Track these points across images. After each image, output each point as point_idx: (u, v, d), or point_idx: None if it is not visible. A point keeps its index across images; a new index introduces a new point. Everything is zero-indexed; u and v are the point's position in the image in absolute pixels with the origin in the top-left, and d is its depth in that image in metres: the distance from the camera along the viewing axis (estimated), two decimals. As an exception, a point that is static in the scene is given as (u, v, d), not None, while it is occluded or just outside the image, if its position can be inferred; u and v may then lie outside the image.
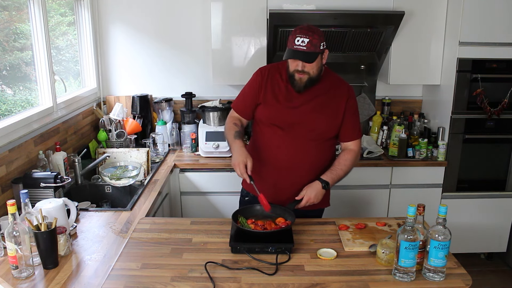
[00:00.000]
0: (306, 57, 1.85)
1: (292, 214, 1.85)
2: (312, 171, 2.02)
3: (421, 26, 3.06)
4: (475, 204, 3.16)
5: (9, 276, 1.53)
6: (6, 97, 2.39)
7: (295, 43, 1.85)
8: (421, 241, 1.51)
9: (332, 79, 2.06)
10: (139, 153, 2.74)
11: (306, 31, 1.85)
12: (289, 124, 2.00)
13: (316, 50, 1.86)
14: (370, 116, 3.45)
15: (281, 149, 2.01)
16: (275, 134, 2.02)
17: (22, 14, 2.45)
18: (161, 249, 1.73)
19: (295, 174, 2.02)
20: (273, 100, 2.01)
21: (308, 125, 1.99)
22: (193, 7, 3.29)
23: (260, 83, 2.04)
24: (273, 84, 2.03)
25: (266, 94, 2.03)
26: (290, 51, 1.87)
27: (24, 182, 2.04)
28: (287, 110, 1.99)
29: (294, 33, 1.87)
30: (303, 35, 1.84)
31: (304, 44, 1.83)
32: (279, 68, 2.07)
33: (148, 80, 3.43)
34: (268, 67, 2.10)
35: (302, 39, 1.83)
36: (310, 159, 2.02)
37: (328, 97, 2.01)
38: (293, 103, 1.99)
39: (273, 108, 2.01)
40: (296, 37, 1.85)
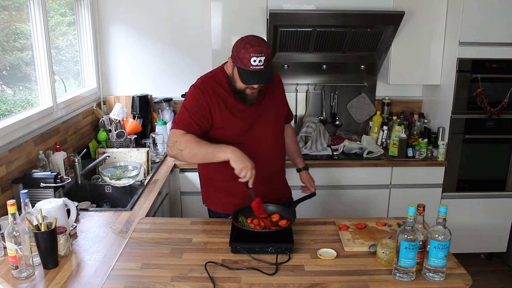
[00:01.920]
0: (267, 78, 1.77)
1: (292, 214, 1.85)
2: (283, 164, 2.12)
3: (421, 26, 3.06)
4: (475, 204, 3.16)
5: (9, 276, 1.53)
6: (6, 97, 2.39)
7: (251, 63, 1.72)
8: (421, 241, 1.51)
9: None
10: (139, 153, 2.74)
11: (259, 47, 1.72)
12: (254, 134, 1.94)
13: (271, 63, 1.78)
14: (370, 116, 3.45)
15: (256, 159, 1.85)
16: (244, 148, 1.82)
17: (22, 14, 2.45)
18: (161, 249, 1.73)
19: (275, 175, 2.06)
20: (233, 118, 1.89)
21: (270, 125, 1.99)
22: (193, 7, 3.29)
23: (207, 99, 1.86)
24: (220, 99, 1.88)
25: (222, 116, 1.87)
26: (249, 74, 1.74)
27: (24, 182, 2.04)
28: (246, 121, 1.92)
29: (246, 51, 1.72)
30: (258, 53, 1.71)
31: (262, 63, 1.72)
32: (217, 81, 1.91)
33: (148, 80, 3.43)
34: (206, 82, 1.91)
35: (259, 59, 1.71)
36: (280, 155, 2.09)
37: (274, 92, 2.02)
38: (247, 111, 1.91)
39: (238, 126, 1.90)
40: (251, 57, 1.71)
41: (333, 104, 3.45)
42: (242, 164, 1.75)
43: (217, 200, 2.08)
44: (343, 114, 3.49)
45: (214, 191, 2.07)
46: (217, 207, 2.10)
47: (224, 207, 2.03)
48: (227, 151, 1.77)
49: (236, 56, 1.77)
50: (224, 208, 2.03)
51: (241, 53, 1.74)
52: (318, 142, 3.16)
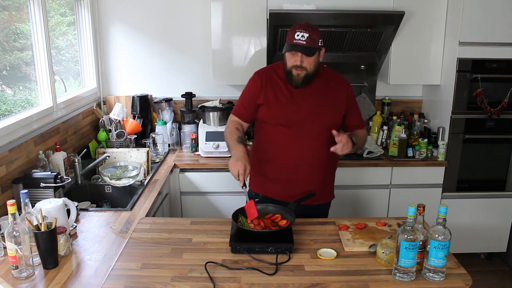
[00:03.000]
0: (306, 51, 1.88)
1: (292, 214, 1.85)
2: (321, 164, 2.09)
3: (421, 26, 3.06)
4: (475, 204, 3.16)
5: (9, 276, 1.53)
6: (6, 97, 2.39)
7: (294, 37, 1.88)
8: (421, 241, 1.51)
9: (329, 73, 2.12)
10: (139, 153, 2.74)
11: (305, 27, 1.88)
12: (294, 121, 2.02)
13: (315, 45, 1.89)
14: (370, 116, 3.45)
15: (289, 147, 2.04)
16: (281, 133, 2.05)
17: (22, 14, 2.45)
18: (161, 249, 1.73)
19: (305, 170, 2.07)
20: (275, 100, 2.04)
21: (314, 120, 2.03)
22: (193, 7, 3.29)
23: (259, 85, 2.07)
24: (272, 85, 2.06)
25: (267, 95, 2.05)
26: (290, 45, 1.91)
27: (24, 182, 2.04)
28: (291, 108, 2.02)
29: (293, 28, 1.90)
30: (303, 30, 1.87)
31: (304, 39, 1.87)
32: (275, 69, 2.10)
33: (148, 80, 3.43)
34: (265, 69, 2.13)
35: (302, 34, 1.87)
36: (318, 153, 2.06)
37: (329, 89, 2.06)
38: (295, 100, 2.02)
39: (276, 107, 2.04)
40: (296, 32, 1.88)
41: (333, 104, 3.45)
42: (231, 161, 1.90)
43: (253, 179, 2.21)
44: (343, 114, 3.49)
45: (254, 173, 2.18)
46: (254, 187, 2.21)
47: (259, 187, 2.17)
48: (232, 151, 1.97)
49: (287, 35, 1.93)
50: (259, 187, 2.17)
51: (289, 32, 1.92)
52: (318, 142, 3.16)
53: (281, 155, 2.07)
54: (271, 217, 1.87)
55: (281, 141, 2.06)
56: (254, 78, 2.11)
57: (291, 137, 2.04)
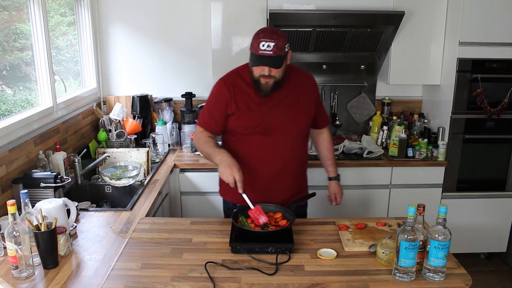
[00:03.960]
0: (273, 63, 1.79)
1: (292, 214, 1.85)
2: (299, 167, 2.07)
3: (421, 26, 3.06)
4: (475, 204, 3.16)
5: (9, 276, 1.53)
6: (6, 97, 2.39)
7: (260, 48, 1.76)
8: (421, 241, 1.51)
9: (296, 73, 2.02)
10: (139, 153, 2.74)
11: (270, 34, 1.76)
12: (269, 128, 1.95)
13: (282, 53, 1.79)
14: (370, 116, 3.45)
15: (268, 155, 1.97)
16: (258, 142, 1.96)
17: (22, 14, 2.45)
18: (161, 249, 1.73)
19: (286, 175, 2.02)
20: (247, 108, 1.94)
21: (288, 125, 1.97)
22: (193, 7, 3.29)
23: (227, 94, 1.94)
24: (241, 92, 1.94)
25: (237, 104, 1.94)
26: (256, 57, 1.79)
27: (24, 182, 2.04)
28: (264, 115, 1.94)
29: (257, 37, 1.78)
30: (268, 39, 1.75)
31: (270, 49, 1.75)
32: (240, 74, 1.98)
33: (148, 80, 3.43)
34: (229, 76, 2.00)
35: (268, 44, 1.75)
36: (296, 156, 2.04)
37: (299, 92, 2.00)
38: (267, 106, 1.94)
39: (249, 116, 1.94)
40: (260, 42, 1.76)
41: (333, 104, 3.45)
42: (223, 169, 1.82)
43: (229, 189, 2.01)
44: (343, 114, 3.49)
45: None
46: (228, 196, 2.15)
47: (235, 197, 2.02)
48: (217, 157, 1.88)
49: (251, 43, 1.83)
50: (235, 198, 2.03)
51: (253, 39, 1.81)
52: (318, 142, 3.16)
53: (260, 164, 1.98)
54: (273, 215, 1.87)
55: (259, 150, 1.97)
56: (220, 87, 1.97)
57: (268, 144, 1.96)
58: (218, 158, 1.87)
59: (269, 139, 1.96)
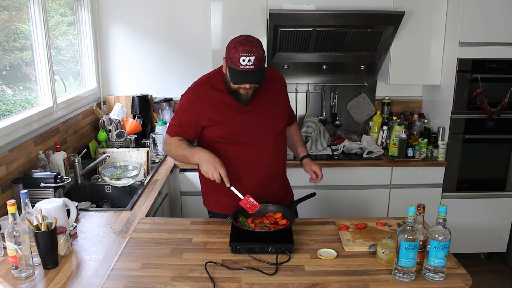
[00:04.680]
0: (256, 78, 1.74)
1: (292, 214, 1.85)
2: (283, 166, 2.07)
3: (421, 26, 3.06)
4: (475, 204, 3.16)
5: (9, 276, 1.54)
6: (6, 97, 2.39)
7: (241, 63, 1.69)
8: (421, 241, 1.51)
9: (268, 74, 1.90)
10: (139, 153, 2.74)
11: (249, 47, 1.70)
12: (251, 133, 1.90)
13: (262, 64, 1.74)
14: (370, 116, 3.45)
15: (253, 161, 1.92)
16: (241, 149, 1.90)
17: (22, 14, 2.45)
18: (161, 249, 1.73)
19: (272, 178, 2.00)
20: (225, 117, 1.87)
21: (269, 127, 1.94)
22: (193, 7, 3.29)
23: (198, 106, 1.87)
24: (215, 102, 1.87)
25: (214, 115, 1.87)
26: (237, 73, 1.72)
27: (24, 182, 2.04)
28: (244, 121, 1.89)
29: (236, 51, 1.70)
30: (248, 53, 1.69)
31: (251, 63, 1.69)
32: (211, 83, 1.91)
33: (148, 80, 3.43)
34: (199, 85, 1.92)
35: (248, 58, 1.69)
36: (281, 159, 2.04)
37: (271, 90, 1.96)
38: (245, 112, 1.88)
39: (229, 125, 1.88)
40: (240, 57, 1.69)
41: (333, 104, 3.45)
42: (206, 167, 1.78)
43: (216, 200, 2.06)
44: (343, 114, 3.49)
45: (213, 191, 2.04)
46: (216, 208, 2.08)
47: (223, 208, 2.01)
48: (195, 156, 1.83)
49: (227, 55, 1.75)
50: (223, 209, 2.01)
51: (231, 53, 1.73)
52: (318, 142, 3.16)
53: (245, 171, 1.92)
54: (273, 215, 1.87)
55: (243, 158, 1.91)
56: (190, 98, 1.89)
57: (252, 151, 1.91)
58: (196, 157, 1.82)
59: (252, 145, 1.91)
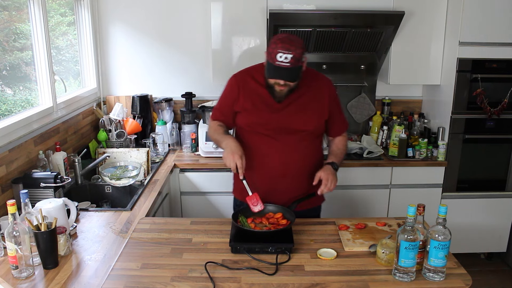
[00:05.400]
0: (290, 76, 1.78)
1: (292, 214, 1.85)
2: (305, 172, 1.99)
3: (421, 26, 3.06)
4: (475, 204, 3.16)
5: (9, 276, 1.54)
6: (6, 97, 2.39)
7: (277, 59, 1.73)
8: (421, 241, 1.51)
9: (311, 76, 1.99)
10: (139, 153, 2.74)
11: (288, 45, 1.72)
12: (274, 129, 1.94)
13: (299, 64, 1.77)
14: (370, 116, 3.45)
15: (271, 155, 1.96)
16: (262, 141, 1.96)
17: (22, 14, 2.45)
18: (161, 249, 1.73)
19: (289, 178, 1.99)
20: (253, 107, 1.94)
21: (295, 127, 1.94)
22: (193, 7, 3.29)
23: (236, 91, 1.97)
24: (250, 91, 1.95)
25: (245, 102, 1.95)
26: (272, 68, 1.76)
27: (24, 182, 2.04)
28: (270, 115, 1.93)
29: (275, 47, 1.74)
30: (286, 50, 1.72)
31: (288, 61, 1.72)
32: (252, 74, 1.98)
33: (148, 80, 3.43)
34: (242, 73, 2.02)
35: (285, 55, 1.72)
36: (302, 161, 1.99)
37: (311, 95, 1.96)
38: (274, 107, 1.92)
39: (255, 115, 1.94)
40: (278, 53, 1.72)
41: (333, 104, 3.45)
42: (226, 154, 1.83)
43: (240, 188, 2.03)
44: (343, 114, 3.49)
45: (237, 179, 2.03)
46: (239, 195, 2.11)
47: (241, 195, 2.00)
48: (223, 142, 1.90)
49: (267, 50, 1.80)
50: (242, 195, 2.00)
51: (271, 48, 1.77)
52: (318, 142, 3.16)
53: (262, 164, 1.97)
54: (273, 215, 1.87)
55: (262, 149, 1.96)
56: (231, 84, 2.01)
57: (271, 145, 1.95)
58: (224, 144, 1.90)
59: (273, 139, 1.95)
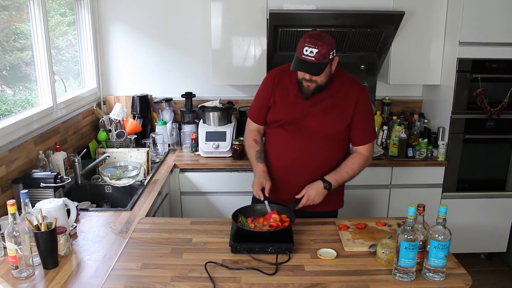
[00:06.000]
0: (313, 70, 1.80)
1: (292, 214, 1.85)
2: (320, 172, 2.00)
3: (421, 26, 3.06)
4: (475, 204, 3.16)
5: (9, 276, 1.54)
6: (6, 97, 2.39)
7: (303, 52, 1.78)
8: (421, 241, 1.51)
9: (343, 81, 1.99)
10: (139, 153, 2.74)
11: (315, 40, 1.76)
12: (295, 125, 1.99)
13: (325, 60, 1.78)
14: (370, 116, 3.45)
15: (287, 150, 2.03)
16: (281, 136, 2.04)
17: (22, 14, 2.45)
18: (161, 249, 1.73)
19: (302, 175, 2.01)
20: (281, 102, 2.01)
21: (315, 127, 1.97)
22: (193, 7, 3.29)
23: (271, 87, 2.04)
24: (282, 87, 2.02)
25: (275, 97, 2.02)
26: (297, 61, 1.81)
27: (24, 182, 2.04)
28: (294, 113, 1.99)
29: (303, 40, 1.79)
30: (312, 45, 1.76)
31: (313, 55, 1.76)
32: (288, 71, 2.00)
33: (148, 80, 3.43)
34: (278, 70, 2.08)
35: (311, 50, 1.76)
36: (317, 160, 2.00)
37: (337, 99, 1.96)
38: (301, 105, 1.97)
39: (280, 110, 2.02)
40: (304, 46, 1.77)
41: (333, 104, 3.45)
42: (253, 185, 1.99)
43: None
44: (343, 114, 3.49)
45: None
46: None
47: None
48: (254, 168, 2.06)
49: (297, 45, 1.84)
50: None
51: (300, 42, 1.82)
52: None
53: (278, 158, 2.07)
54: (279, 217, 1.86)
55: (281, 144, 2.04)
56: (267, 80, 2.08)
57: (290, 140, 2.01)
58: (255, 170, 2.06)
59: (292, 135, 2.01)
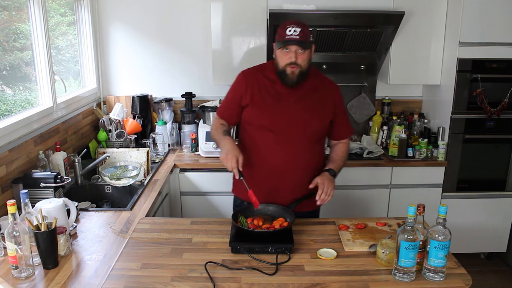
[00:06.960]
0: (301, 44, 1.82)
1: (292, 214, 1.85)
2: (306, 172, 2.00)
3: (421, 26, 3.06)
4: (475, 204, 3.16)
5: (9, 276, 1.54)
6: (6, 97, 2.39)
7: (287, 33, 1.81)
8: (421, 241, 1.51)
9: (319, 79, 2.04)
10: (139, 153, 2.74)
11: (296, 22, 1.83)
12: (279, 125, 1.95)
13: (309, 40, 1.84)
14: (370, 116, 3.45)
15: (274, 152, 1.97)
16: (266, 137, 1.97)
17: (22, 14, 2.45)
18: (161, 249, 1.73)
19: (290, 176, 1.99)
20: (261, 101, 1.97)
21: (299, 126, 1.96)
22: (193, 7, 3.29)
23: (244, 85, 1.99)
24: (259, 85, 1.98)
25: (253, 96, 1.97)
26: (283, 41, 1.83)
27: (24, 182, 2.04)
28: (276, 111, 1.95)
29: (283, 26, 1.84)
30: (294, 25, 1.81)
31: (297, 33, 1.80)
32: (262, 70, 2.03)
33: (148, 80, 3.43)
34: (251, 70, 2.06)
35: (294, 29, 1.80)
36: (304, 160, 2.00)
37: (317, 97, 1.99)
38: (282, 103, 1.95)
39: (262, 109, 1.97)
40: (287, 28, 1.81)
41: (333, 104, 3.45)
42: (224, 155, 1.85)
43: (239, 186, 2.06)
44: (343, 114, 3.49)
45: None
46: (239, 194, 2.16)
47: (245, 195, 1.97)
48: (221, 143, 1.93)
49: (276, 36, 1.86)
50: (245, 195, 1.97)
51: (280, 29, 1.85)
52: (318, 142, 3.16)
53: (264, 160, 1.99)
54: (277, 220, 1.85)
55: (265, 146, 1.98)
56: (239, 79, 2.04)
57: (274, 141, 1.96)
58: (222, 144, 1.93)
59: (276, 135, 1.96)
